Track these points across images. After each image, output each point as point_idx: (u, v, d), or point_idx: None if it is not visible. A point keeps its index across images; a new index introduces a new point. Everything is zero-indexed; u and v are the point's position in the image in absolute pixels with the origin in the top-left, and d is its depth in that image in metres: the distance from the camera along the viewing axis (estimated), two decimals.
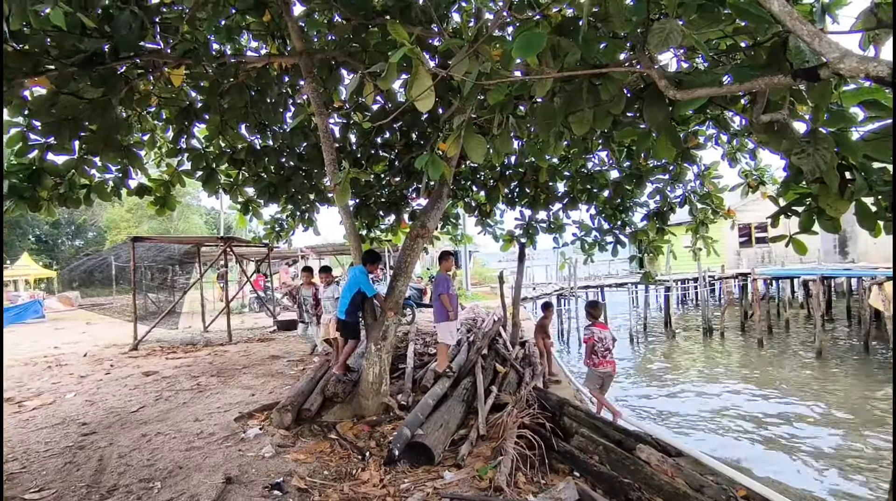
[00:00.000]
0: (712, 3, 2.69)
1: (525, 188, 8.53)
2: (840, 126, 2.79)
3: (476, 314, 12.00)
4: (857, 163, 2.86)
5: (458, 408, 5.30)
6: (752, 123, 2.60)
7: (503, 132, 3.56)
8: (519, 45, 2.40)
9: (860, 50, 3.17)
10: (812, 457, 7.27)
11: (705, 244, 8.04)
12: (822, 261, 19.78)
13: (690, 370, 13.58)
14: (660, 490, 3.73)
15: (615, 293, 23.59)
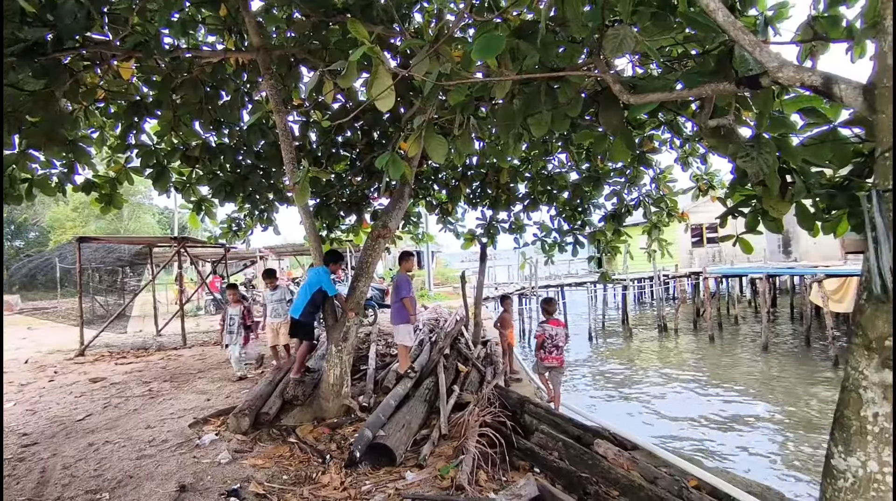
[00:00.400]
0: (664, 12, 2.79)
1: (487, 189, 8.61)
2: (781, 132, 2.94)
3: (438, 314, 12.03)
4: (796, 167, 3.02)
5: (420, 408, 5.30)
6: (701, 128, 2.72)
7: (464, 133, 3.58)
8: (478, 47, 2.42)
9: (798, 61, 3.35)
10: (757, 446, 7.63)
11: (660, 247, 8.31)
12: (768, 260, 20.79)
13: (646, 365, 14.01)
14: (616, 482, 3.83)
15: (575, 293, 24.09)
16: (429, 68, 2.79)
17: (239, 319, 7.42)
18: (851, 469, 1.40)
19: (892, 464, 1.25)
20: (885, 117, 1.36)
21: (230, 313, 7.49)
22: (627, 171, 7.49)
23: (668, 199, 8.17)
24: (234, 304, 7.58)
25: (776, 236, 21.49)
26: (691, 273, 21.82)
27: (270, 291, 7.68)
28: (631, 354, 15.84)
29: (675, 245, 10.89)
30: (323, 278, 5.48)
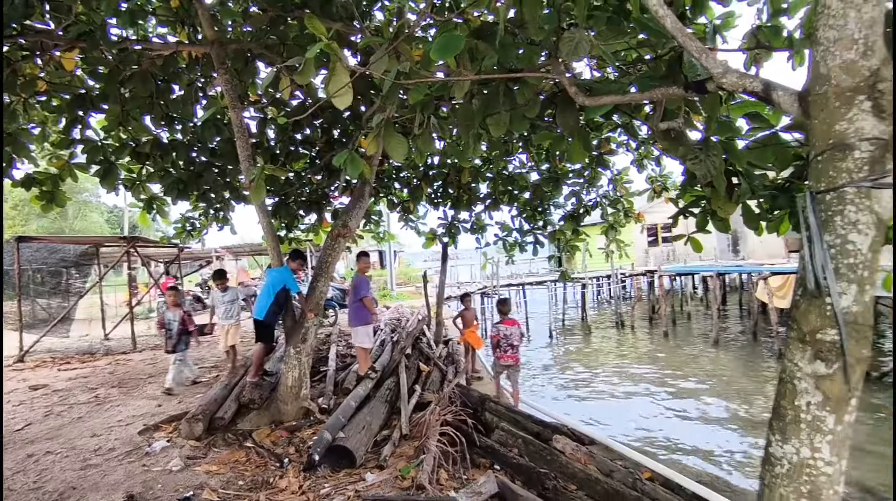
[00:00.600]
0: (618, 17, 2.87)
1: (448, 189, 8.64)
2: (728, 136, 3.06)
3: (401, 314, 11.98)
4: (742, 169, 3.15)
5: (381, 409, 5.27)
6: (654, 130, 2.81)
7: (425, 132, 3.57)
8: (437, 47, 2.42)
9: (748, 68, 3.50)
10: (708, 438, 7.95)
11: (618, 247, 8.53)
12: (718, 259, 21.68)
13: (604, 361, 14.37)
14: (574, 477, 3.91)
15: (536, 291, 24.46)
16: (388, 66, 2.77)
17: (178, 324, 6.86)
18: (787, 455, 1.47)
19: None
20: (818, 123, 1.44)
21: (168, 317, 6.93)
22: (586, 172, 7.66)
23: (624, 200, 8.41)
24: (172, 308, 6.99)
25: (726, 236, 22.44)
26: (647, 272, 22.53)
27: (221, 292, 7.33)
28: (589, 350, 16.20)
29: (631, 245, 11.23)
30: (286, 276, 5.39)
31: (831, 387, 1.40)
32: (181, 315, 6.90)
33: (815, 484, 1.43)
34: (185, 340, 6.95)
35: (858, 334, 1.38)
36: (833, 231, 1.40)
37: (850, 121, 1.37)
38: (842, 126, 1.38)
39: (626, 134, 6.76)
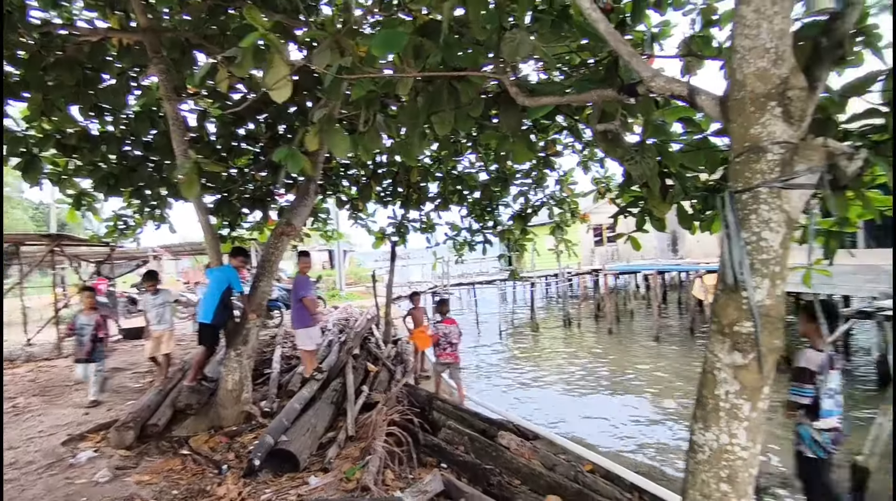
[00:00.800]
0: (559, 21, 2.94)
1: (398, 187, 8.59)
2: (663, 139, 3.19)
3: (349, 314, 11.82)
4: (675, 171, 3.29)
5: (326, 411, 5.17)
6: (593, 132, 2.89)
7: (371, 129, 3.53)
8: (378, 42, 2.39)
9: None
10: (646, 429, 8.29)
11: (566, 246, 8.75)
12: (659, 258, 22.66)
13: (552, 357, 14.71)
14: (518, 471, 3.98)
15: (486, 290, 24.74)
16: (330, 61, 2.72)
17: (91, 330, 6.05)
18: (708, 442, 1.55)
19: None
20: (736, 126, 1.53)
21: (80, 322, 6.10)
22: (533, 173, 7.81)
23: (570, 200, 8.63)
24: (87, 311, 6.23)
25: (666, 235, 23.50)
26: (592, 271, 23.25)
27: (152, 295, 6.70)
28: (537, 348, 16.55)
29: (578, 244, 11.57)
30: (231, 275, 5.21)
31: (747, 376, 1.48)
32: (96, 320, 6.19)
33: (732, 468, 1.52)
34: (101, 347, 6.21)
35: (771, 325, 1.47)
36: (749, 229, 1.49)
37: (764, 125, 1.46)
38: (756, 130, 1.47)
39: (571, 136, 6.94)
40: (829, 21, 1.90)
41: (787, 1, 1.40)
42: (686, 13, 3.97)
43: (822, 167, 1.42)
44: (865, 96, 2.47)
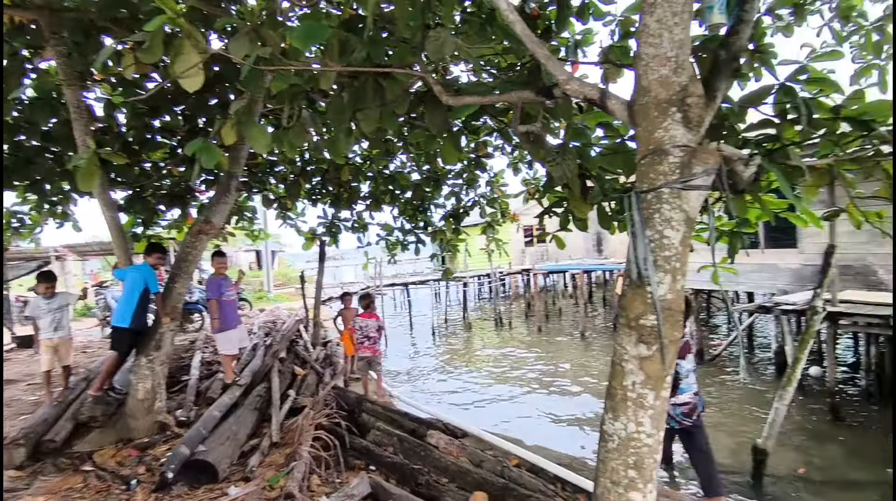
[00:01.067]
0: (486, 23, 2.98)
1: (328, 186, 8.40)
2: (584, 142, 3.31)
3: (276, 317, 11.41)
4: (595, 173, 3.43)
5: (249, 417, 4.96)
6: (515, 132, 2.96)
7: (296, 125, 3.43)
8: (299, 34, 2.32)
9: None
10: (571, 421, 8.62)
11: (497, 246, 8.91)
12: (585, 257, 23.65)
13: (483, 356, 14.95)
14: (446, 470, 3.99)
15: (420, 290, 24.75)
16: (249, 51, 2.60)
17: None
18: (617, 431, 1.62)
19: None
20: (642, 130, 1.61)
21: None
22: (465, 174, 7.90)
23: (500, 201, 8.81)
24: None
25: (592, 235, 24.57)
26: (523, 270, 23.89)
27: (46, 299, 5.84)
28: (469, 346, 16.77)
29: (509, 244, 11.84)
30: (147, 274, 4.86)
31: (651, 367, 1.56)
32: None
33: (639, 455, 1.59)
34: None
35: (672, 318, 1.56)
36: (653, 227, 1.57)
37: (666, 129, 1.54)
38: (659, 134, 1.55)
39: (502, 139, 7.08)
40: (727, 36, 2.05)
41: (685, 13, 1.49)
42: (606, 24, 4.16)
43: (716, 170, 1.53)
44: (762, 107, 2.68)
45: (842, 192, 2.94)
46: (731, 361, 12.27)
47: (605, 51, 3.79)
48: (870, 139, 2.63)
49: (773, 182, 3.11)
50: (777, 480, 6.50)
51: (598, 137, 3.68)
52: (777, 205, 3.20)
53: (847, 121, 2.59)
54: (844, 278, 9.94)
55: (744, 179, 2.21)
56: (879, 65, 3.83)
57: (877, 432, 7.73)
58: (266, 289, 21.24)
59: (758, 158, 2.23)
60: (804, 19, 3.91)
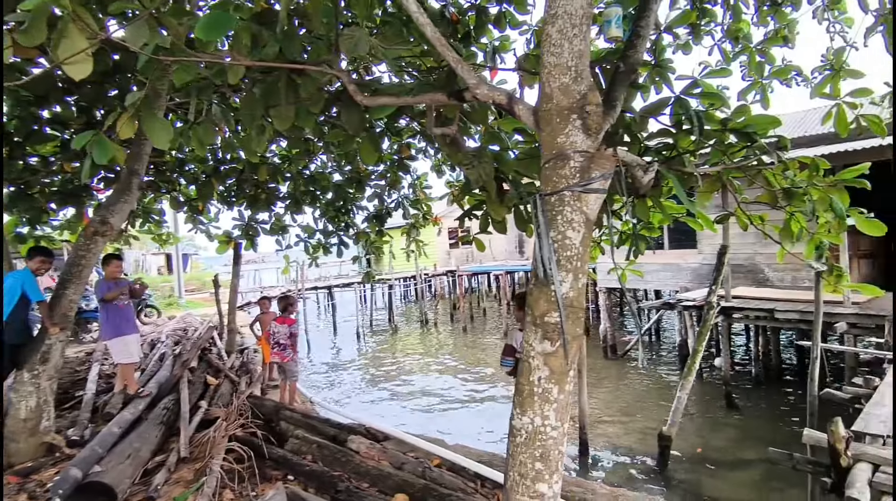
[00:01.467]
0: (399, 23, 2.98)
1: (243, 187, 8.01)
2: (502, 146, 3.40)
3: (187, 324, 10.73)
4: (511, 177, 3.53)
5: (154, 432, 4.61)
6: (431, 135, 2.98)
7: (205, 121, 3.25)
8: (203, 24, 2.20)
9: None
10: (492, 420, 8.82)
11: (417, 248, 8.91)
12: (508, 259, 24.32)
13: (409, 357, 14.94)
14: (367, 474, 3.94)
15: (345, 293, 24.30)
16: (148, 39, 2.43)
17: None
18: (525, 426, 1.67)
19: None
20: (546, 135, 1.67)
21: None
22: (387, 175, 7.84)
23: (423, 203, 8.83)
24: None
25: (514, 237, 25.31)
26: (448, 272, 24.15)
27: None
28: (395, 348, 16.69)
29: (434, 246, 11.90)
30: (26, 280, 4.37)
31: (555, 362, 1.63)
32: None
33: (545, 447, 1.65)
34: None
35: (574, 315, 1.63)
36: (556, 228, 1.64)
37: (567, 135, 1.62)
38: (561, 139, 1.63)
39: (425, 141, 7.11)
40: (624, 50, 2.19)
41: (584, 25, 1.57)
42: (522, 33, 4.30)
43: (612, 174, 1.62)
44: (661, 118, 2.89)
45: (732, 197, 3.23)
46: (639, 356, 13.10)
47: (520, 59, 3.92)
48: (753, 150, 2.92)
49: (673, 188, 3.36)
50: (680, 462, 7.03)
51: (515, 142, 3.80)
52: (676, 210, 3.47)
53: (734, 132, 2.86)
54: (736, 276, 10.96)
55: (643, 184, 2.37)
56: (762, 83, 4.24)
57: (764, 414, 8.58)
58: (177, 295, 19.90)
59: (656, 165, 2.40)
60: (700, 38, 4.26)
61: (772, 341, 10.49)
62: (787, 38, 4.25)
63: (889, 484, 3.15)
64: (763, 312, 9.08)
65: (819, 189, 2.93)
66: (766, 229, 3.23)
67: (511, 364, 4.24)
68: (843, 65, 3.84)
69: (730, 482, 6.42)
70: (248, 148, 4.79)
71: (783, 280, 10.65)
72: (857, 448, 3.41)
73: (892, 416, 3.76)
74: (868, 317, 7.80)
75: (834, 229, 3.05)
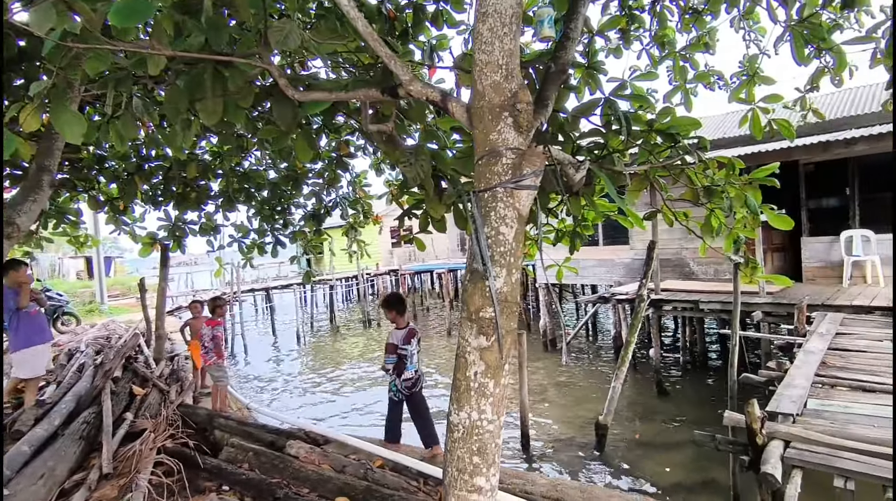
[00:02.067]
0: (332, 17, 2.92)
1: (171, 185, 7.58)
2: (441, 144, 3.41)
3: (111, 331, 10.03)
4: (448, 175, 3.55)
5: (72, 449, 4.29)
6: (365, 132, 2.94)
7: (125, 114, 3.05)
8: (117, 10, 2.05)
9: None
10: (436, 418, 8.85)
11: (358, 247, 8.78)
12: (451, 257, 24.47)
13: (350, 359, 14.72)
14: (307, 479, 3.84)
15: (284, 295, 23.61)
16: (56, 24, 2.25)
17: None
18: (462, 421, 1.68)
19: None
20: (479, 132, 1.69)
21: None
22: (325, 173, 7.67)
23: (363, 202, 8.72)
24: None
25: (456, 236, 25.50)
26: (390, 271, 24.01)
27: None
28: (337, 349, 16.40)
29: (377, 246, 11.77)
30: None
31: (490, 357, 1.65)
32: None
33: (482, 441, 1.67)
34: None
35: (508, 310, 1.66)
36: (490, 225, 1.66)
37: (499, 132, 1.64)
38: (494, 137, 1.65)
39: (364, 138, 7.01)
40: (556, 51, 2.25)
41: (514, 25, 1.60)
42: (461, 33, 4.33)
43: (542, 171, 1.66)
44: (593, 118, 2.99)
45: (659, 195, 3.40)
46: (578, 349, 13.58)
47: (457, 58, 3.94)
48: (676, 150, 3.08)
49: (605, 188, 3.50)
50: (617, 449, 7.34)
51: (453, 140, 3.81)
52: (608, 208, 3.61)
53: (659, 133, 3.00)
54: (665, 270, 11.58)
55: (576, 182, 2.45)
56: (686, 87, 4.49)
57: (691, 399, 9.11)
58: (99, 300, 18.57)
59: (587, 163, 2.48)
60: (630, 43, 4.45)
61: (697, 330, 11.17)
62: (708, 45, 4.51)
63: (799, 459, 3.44)
64: (689, 303, 9.65)
65: (735, 187, 3.13)
66: (689, 225, 3.41)
67: (394, 361, 4.76)
68: (757, 71, 4.12)
69: (662, 464, 6.78)
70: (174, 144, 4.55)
71: (707, 273, 11.38)
72: (770, 427, 3.69)
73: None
74: (781, 306, 8.46)
75: (749, 224, 3.28)
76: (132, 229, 8.11)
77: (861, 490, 3.26)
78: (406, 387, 4.80)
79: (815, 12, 3.62)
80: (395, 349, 4.74)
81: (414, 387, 4.84)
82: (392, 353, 4.75)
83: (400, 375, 4.78)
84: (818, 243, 10.13)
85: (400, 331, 4.86)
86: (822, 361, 5.30)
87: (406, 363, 4.79)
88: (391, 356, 4.75)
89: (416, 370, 4.90)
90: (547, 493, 3.69)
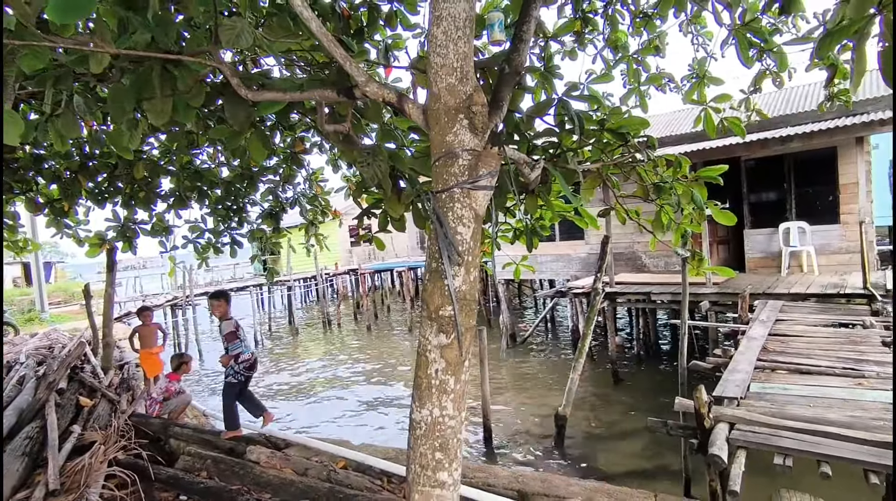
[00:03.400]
0: (288, 15, 2.88)
1: (117, 183, 7.25)
2: (395, 143, 3.41)
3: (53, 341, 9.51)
4: (406, 175, 3.56)
5: (14, 466, 4.07)
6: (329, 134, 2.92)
7: (65, 112, 2.92)
8: (55, 5, 1.96)
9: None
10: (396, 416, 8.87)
11: (317, 241, 8.66)
12: (411, 255, 24.44)
13: (311, 360, 14.51)
14: (269, 484, 3.79)
15: (241, 298, 22.99)
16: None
17: None
18: (424, 418, 1.71)
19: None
20: (435, 134, 1.72)
21: None
22: (280, 170, 7.52)
23: (321, 198, 8.60)
24: None
25: (416, 234, 25.48)
26: (350, 270, 23.76)
27: None
28: (297, 352, 16.13)
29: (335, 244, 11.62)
30: None
31: (450, 354, 1.68)
32: None
33: (444, 437, 1.71)
34: None
35: (467, 307, 1.70)
36: (447, 224, 1.69)
37: (455, 134, 1.67)
38: (450, 138, 1.68)
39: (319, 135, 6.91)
40: (509, 53, 2.30)
41: (468, 28, 1.63)
42: (416, 36, 4.34)
43: (498, 172, 1.70)
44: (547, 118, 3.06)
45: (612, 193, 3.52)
46: (537, 343, 13.84)
47: (413, 60, 3.96)
48: (627, 148, 3.20)
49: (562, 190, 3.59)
50: (576, 438, 7.55)
51: (411, 140, 3.82)
52: (565, 209, 3.71)
53: (610, 132, 3.11)
54: (618, 263, 11.95)
55: (531, 181, 2.51)
56: (639, 89, 4.65)
57: (645, 388, 9.46)
58: (39, 308, 17.57)
59: (542, 162, 2.55)
60: (584, 46, 4.57)
61: (650, 321, 11.60)
62: (659, 48, 4.69)
63: (743, 440, 3.64)
64: (641, 295, 10.01)
65: (682, 184, 3.28)
66: (641, 220, 3.55)
67: (239, 347, 5.07)
68: (705, 73, 4.32)
69: (620, 452, 7.03)
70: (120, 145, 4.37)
71: (658, 265, 11.83)
72: (716, 411, 3.90)
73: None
74: (726, 295, 8.91)
75: (695, 219, 3.45)
76: (76, 231, 7.71)
77: (811, 470, 3.49)
78: (245, 369, 5.08)
79: (756, 17, 3.82)
80: (234, 337, 5.09)
81: (252, 369, 5.18)
82: (233, 340, 5.07)
83: (237, 359, 5.03)
84: (759, 235, 10.71)
85: (229, 322, 5.23)
86: (764, 346, 5.62)
87: (242, 345, 5.12)
88: (236, 342, 5.06)
89: (252, 352, 5.25)
90: (509, 485, 3.77)
